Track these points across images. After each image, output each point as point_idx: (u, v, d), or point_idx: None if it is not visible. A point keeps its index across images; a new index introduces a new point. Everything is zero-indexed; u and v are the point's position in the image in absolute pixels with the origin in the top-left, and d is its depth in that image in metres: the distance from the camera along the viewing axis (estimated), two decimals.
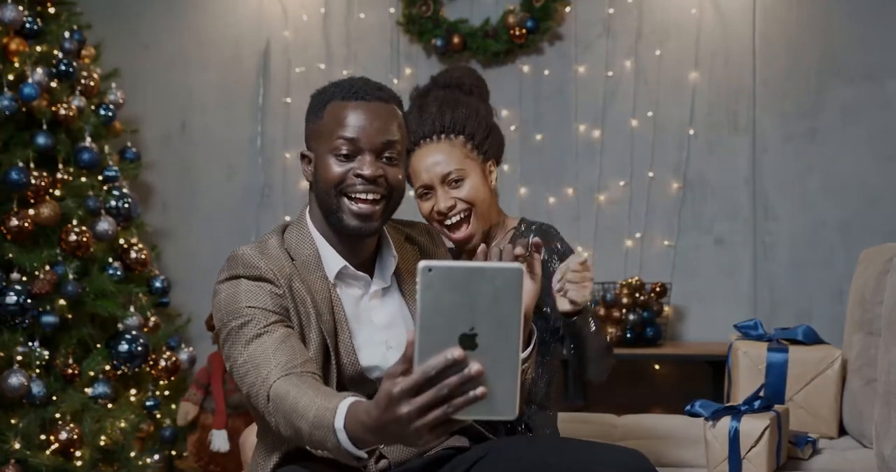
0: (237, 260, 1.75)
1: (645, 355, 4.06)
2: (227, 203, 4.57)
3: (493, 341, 1.20)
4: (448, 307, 1.20)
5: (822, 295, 4.18)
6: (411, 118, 2.19)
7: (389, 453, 1.75)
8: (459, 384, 1.19)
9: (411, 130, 2.17)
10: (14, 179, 3.37)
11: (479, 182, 2.15)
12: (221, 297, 1.73)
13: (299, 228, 1.83)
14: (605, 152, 4.34)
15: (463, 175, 2.13)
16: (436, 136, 2.16)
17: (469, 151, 2.16)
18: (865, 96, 4.16)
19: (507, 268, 1.21)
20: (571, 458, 1.67)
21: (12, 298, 3.30)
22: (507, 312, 1.20)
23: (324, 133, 1.78)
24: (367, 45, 4.48)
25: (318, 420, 1.44)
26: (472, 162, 2.16)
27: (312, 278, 1.76)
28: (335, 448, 1.43)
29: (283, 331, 1.67)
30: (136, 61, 4.49)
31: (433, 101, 2.21)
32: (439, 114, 2.17)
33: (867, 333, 2.56)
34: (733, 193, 4.27)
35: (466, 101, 2.22)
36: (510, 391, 1.21)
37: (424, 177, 2.15)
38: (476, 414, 1.22)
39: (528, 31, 4.28)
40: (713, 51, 4.28)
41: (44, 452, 3.33)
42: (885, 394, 2.33)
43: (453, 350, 1.19)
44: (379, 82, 1.84)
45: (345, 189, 1.75)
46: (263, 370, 1.60)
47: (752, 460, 2.24)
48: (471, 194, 2.14)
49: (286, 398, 1.53)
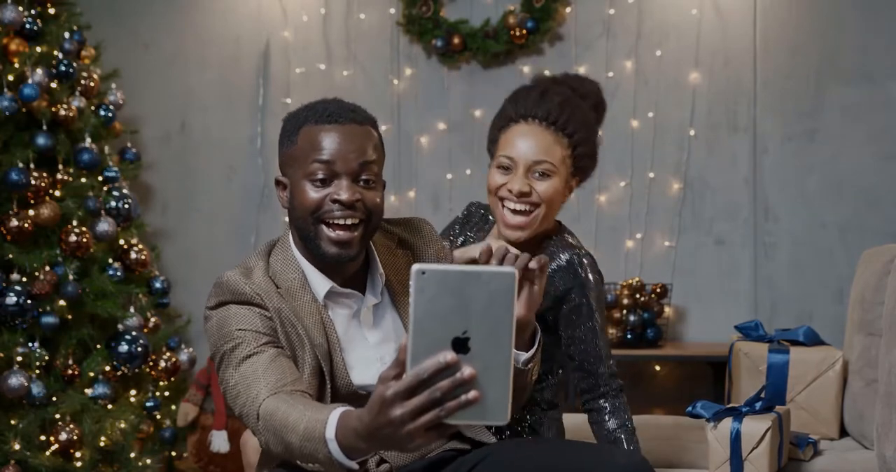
0: (224, 286, 1.74)
1: (645, 356, 4.06)
2: (227, 203, 4.56)
3: (486, 346, 1.20)
4: (441, 311, 1.20)
5: (822, 296, 4.18)
6: (525, 94, 2.14)
7: (390, 457, 1.74)
8: (452, 388, 1.19)
9: (521, 104, 2.11)
10: (14, 180, 3.37)
11: (560, 187, 2.11)
12: (213, 322, 1.73)
13: (283, 252, 1.81)
14: (605, 153, 4.29)
15: (552, 173, 2.09)
16: (546, 123, 2.10)
17: (567, 156, 2.11)
18: (865, 96, 4.15)
19: (501, 272, 1.21)
20: (572, 460, 1.67)
21: (12, 298, 3.29)
22: (500, 316, 1.20)
23: (298, 158, 1.76)
24: (367, 46, 4.48)
25: (309, 433, 1.43)
26: (565, 168, 2.11)
27: (300, 304, 1.75)
28: (326, 460, 1.42)
29: (273, 351, 1.67)
30: (136, 61, 4.49)
31: (558, 93, 2.14)
32: (560, 108, 2.10)
33: (868, 334, 2.56)
34: (733, 194, 4.27)
35: (587, 113, 2.17)
36: (502, 396, 1.21)
37: (517, 152, 2.09)
38: (468, 419, 1.22)
39: (528, 31, 4.28)
40: (713, 51, 4.27)
41: (44, 452, 3.32)
42: (887, 395, 2.33)
43: (446, 354, 1.19)
44: (353, 104, 1.81)
45: (322, 215, 1.73)
46: (253, 390, 1.60)
47: (753, 461, 2.24)
48: (549, 193, 2.09)
49: (275, 414, 1.53)
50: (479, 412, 1.21)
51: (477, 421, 1.24)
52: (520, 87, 2.21)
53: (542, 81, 2.24)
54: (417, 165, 4.43)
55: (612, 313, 4.08)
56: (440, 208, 4.41)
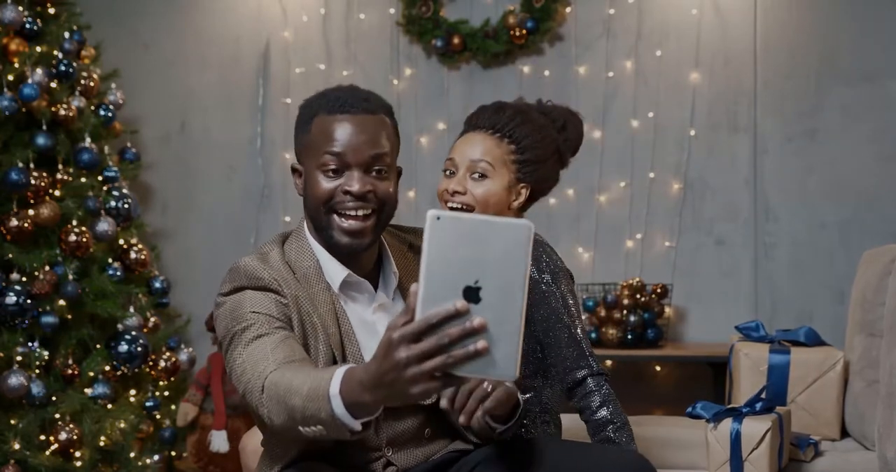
0: (240, 271, 1.73)
1: (646, 356, 4.05)
2: (226, 203, 4.56)
3: (497, 298, 1.19)
4: (454, 258, 1.19)
5: (823, 296, 4.18)
6: (482, 109, 2.22)
7: (396, 459, 1.74)
8: (461, 336, 1.18)
9: (474, 116, 2.21)
10: (14, 180, 3.37)
11: (498, 190, 2.13)
12: (226, 306, 1.71)
13: (299, 240, 1.81)
14: (605, 153, 4.34)
15: (488, 173, 2.13)
16: (493, 131, 2.16)
17: (510, 161, 2.15)
18: (865, 96, 4.15)
19: (516, 224, 1.20)
20: (573, 461, 1.67)
21: (12, 298, 3.29)
22: (513, 268, 1.20)
23: (311, 148, 1.75)
24: (367, 46, 4.48)
25: (313, 392, 1.41)
26: (506, 171, 2.14)
27: (315, 291, 1.74)
28: (329, 419, 1.39)
29: (284, 333, 1.65)
30: (135, 61, 4.49)
31: (511, 107, 2.21)
32: (508, 118, 2.16)
33: (869, 334, 2.56)
34: (734, 194, 4.27)
35: (543, 126, 2.19)
36: (511, 352, 1.20)
37: (456, 155, 2.17)
38: (475, 371, 1.21)
39: (528, 31, 4.28)
40: (713, 51, 4.27)
41: (43, 452, 3.32)
42: (888, 396, 2.33)
43: (457, 301, 1.18)
44: (367, 91, 1.80)
45: (334, 206, 1.73)
46: (260, 366, 1.57)
47: (753, 462, 2.24)
48: (482, 195, 2.13)
49: (281, 381, 1.51)
50: (486, 366, 1.20)
51: (483, 375, 1.22)
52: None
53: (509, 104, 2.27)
54: (417, 165, 4.42)
55: (612, 313, 4.08)
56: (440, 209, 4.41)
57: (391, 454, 1.74)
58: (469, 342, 1.19)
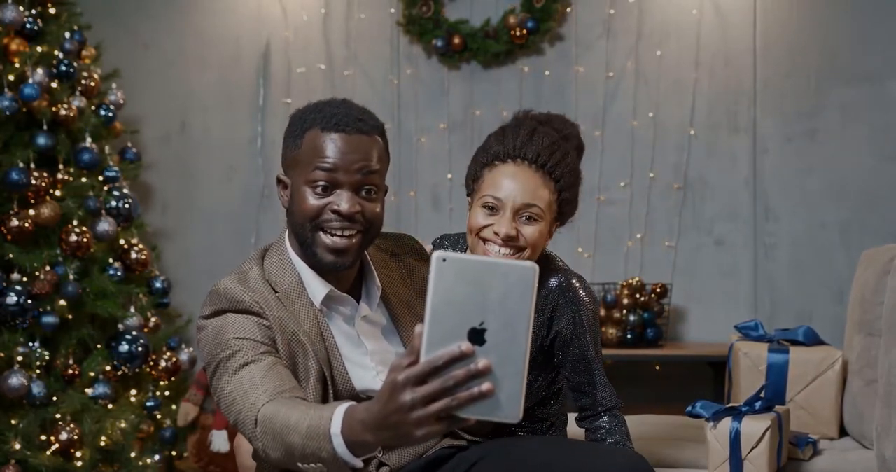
0: (220, 294, 1.71)
1: (645, 355, 4.06)
2: (226, 203, 4.56)
3: (502, 339, 1.19)
4: (459, 300, 1.19)
5: (822, 296, 4.18)
6: (512, 132, 2.03)
7: (389, 459, 1.74)
8: (466, 378, 1.18)
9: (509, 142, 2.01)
10: (14, 180, 3.37)
11: (544, 232, 2.03)
12: (208, 331, 1.69)
13: (279, 255, 1.79)
14: (605, 153, 4.34)
15: (539, 217, 2.00)
16: (536, 165, 2.00)
17: (553, 200, 2.03)
18: (865, 96, 4.16)
19: (521, 266, 1.20)
20: (572, 459, 1.67)
21: (12, 298, 3.29)
22: (518, 310, 1.19)
23: (301, 163, 1.73)
24: (367, 46, 4.48)
25: (312, 430, 1.39)
26: (550, 213, 2.03)
27: (298, 308, 1.72)
28: (330, 458, 1.38)
29: (271, 360, 1.63)
30: (136, 61, 4.49)
31: (546, 134, 2.04)
32: (549, 150, 2.01)
33: (868, 334, 2.56)
34: (733, 194, 4.27)
35: (574, 157, 2.10)
36: (515, 393, 1.19)
37: (505, 193, 1.98)
38: (479, 413, 1.20)
39: (528, 31, 4.28)
40: (713, 51, 4.28)
41: (44, 452, 3.33)
42: (886, 395, 2.34)
43: (462, 343, 1.18)
44: (362, 109, 1.77)
45: (320, 223, 1.71)
46: (251, 397, 1.55)
47: (752, 461, 2.24)
48: (534, 238, 2.00)
49: (275, 417, 1.49)
50: (491, 408, 1.19)
51: (488, 417, 1.21)
52: (505, 124, 2.12)
53: (528, 120, 2.14)
54: (417, 165, 4.43)
55: (611, 312, 4.09)
56: (440, 209, 4.41)
57: (383, 455, 1.73)
58: (474, 384, 1.18)
